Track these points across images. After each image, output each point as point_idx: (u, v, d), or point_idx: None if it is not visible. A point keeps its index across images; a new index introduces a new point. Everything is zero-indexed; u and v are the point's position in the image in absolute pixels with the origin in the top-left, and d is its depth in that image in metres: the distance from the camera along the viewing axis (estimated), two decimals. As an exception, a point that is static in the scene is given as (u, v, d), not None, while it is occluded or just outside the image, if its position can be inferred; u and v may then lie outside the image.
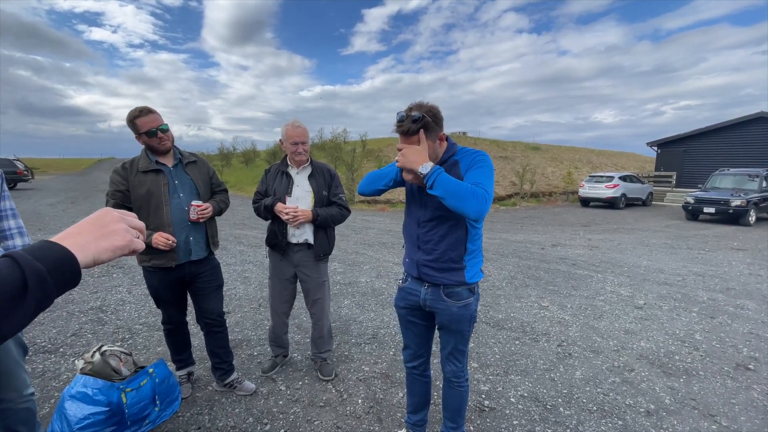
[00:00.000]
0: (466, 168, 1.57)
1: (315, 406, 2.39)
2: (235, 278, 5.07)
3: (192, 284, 2.35)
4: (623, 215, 13.41)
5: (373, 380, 2.69)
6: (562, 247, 7.57)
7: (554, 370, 2.86)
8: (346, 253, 6.58)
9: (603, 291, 4.76)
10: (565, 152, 28.84)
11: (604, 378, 2.75)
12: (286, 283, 2.66)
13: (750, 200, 10.94)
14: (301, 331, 3.45)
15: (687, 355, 3.10)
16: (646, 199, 16.79)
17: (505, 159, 22.92)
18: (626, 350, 3.18)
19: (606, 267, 5.98)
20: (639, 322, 3.76)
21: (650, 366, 2.93)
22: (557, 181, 20.91)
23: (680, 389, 2.62)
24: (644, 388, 2.63)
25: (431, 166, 1.44)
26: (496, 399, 2.49)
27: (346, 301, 4.26)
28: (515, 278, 5.29)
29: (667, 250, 7.34)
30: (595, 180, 15.88)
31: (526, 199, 17.51)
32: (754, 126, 17.24)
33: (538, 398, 2.50)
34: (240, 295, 4.40)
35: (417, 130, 1.49)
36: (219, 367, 2.51)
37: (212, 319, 2.41)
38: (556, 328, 3.61)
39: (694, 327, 3.66)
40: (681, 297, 4.54)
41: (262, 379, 2.67)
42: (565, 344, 3.27)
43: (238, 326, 3.55)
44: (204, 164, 2.43)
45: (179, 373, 2.55)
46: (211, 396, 2.47)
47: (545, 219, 12.32)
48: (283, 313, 2.74)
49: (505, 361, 2.98)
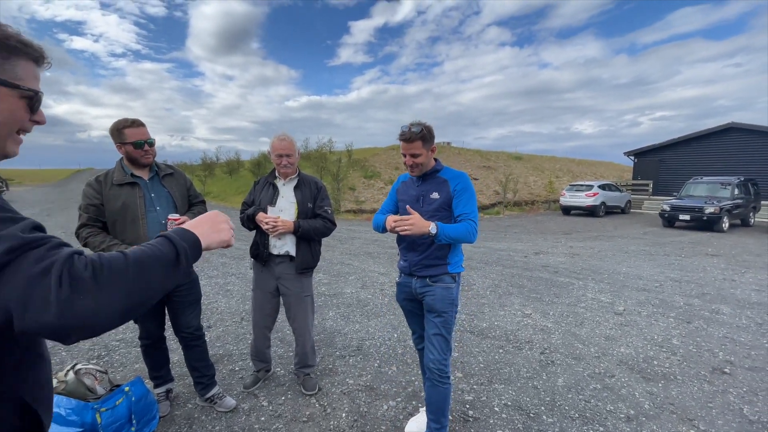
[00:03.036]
0: (454, 189, 1.96)
1: (298, 421, 2.35)
2: (216, 291, 4.97)
3: (170, 298, 2.30)
4: (603, 223, 13.73)
5: (357, 393, 2.66)
6: (544, 255, 7.70)
7: (537, 377, 2.89)
8: (332, 264, 6.54)
9: (584, 298, 4.84)
10: (546, 162, 29.49)
11: (585, 384, 2.79)
12: (268, 296, 2.63)
13: (723, 207, 11.36)
14: (284, 344, 3.40)
15: (665, 360, 3.17)
16: (625, 207, 17.26)
17: (489, 169, 23.30)
18: (607, 356, 3.23)
19: (587, 274, 6.09)
20: (619, 328, 3.83)
21: (630, 371, 2.98)
22: (539, 190, 21.33)
23: (659, 394, 2.67)
24: (624, 394, 2.67)
25: (435, 227, 1.80)
26: (480, 408, 2.50)
27: (331, 313, 4.22)
28: (499, 286, 5.34)
29: (645, 257, 7.54)
30: (576, 189, 16.25)
31: (509, 207, 17.78)
32: (725, 136, 17.97)
33: (522, 407, 2.52)
34: (222, 309, 4.31)
35: (417, 137, 1.88)
36: (199, 381, 2.45)
37: (189, 332, 2.36)
38: (538, 335, 3.65)
39: (671, 332, 3.75)
40: (659, 303, 4.66)
41: (244, 395, 2.61)
42: (547, 352, 3.30)
43: (219, 341, 3.48)
44: (181, 176, 2.41)
45: (157, 390, 2.47)
46: (190, 413, 2.40)
47: (528, 227, 12.51)
48: (266, 327, 2.69)
49: (489, 370, 2.99)
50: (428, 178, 2.04)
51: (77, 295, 0.55)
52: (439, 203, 1.97)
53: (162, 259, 0.67)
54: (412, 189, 2.09)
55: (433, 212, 1.97)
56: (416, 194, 2.05)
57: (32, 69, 0.73)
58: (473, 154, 27.44)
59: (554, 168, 27.73)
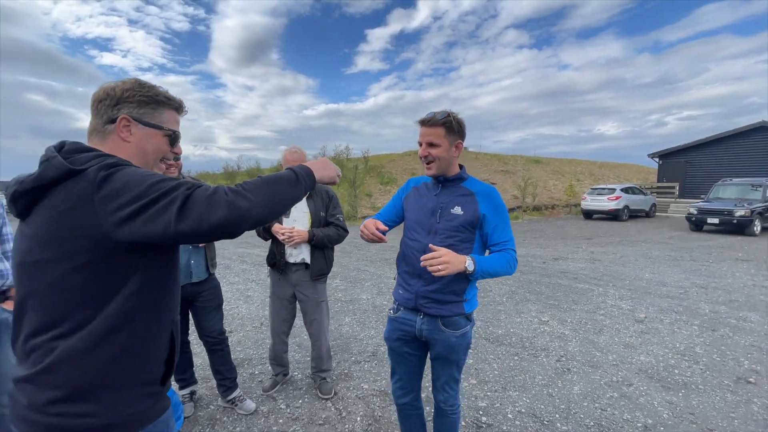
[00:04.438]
0: (485, 212, 1.59)
1: (314, 424, 2.42)
2: (237, 297, 5.13)
3: (193, 304, 2.43)
4: (626, 227, 13.39)
5: (372, 398, 2.71)
6: (563, 260, 7.58)
7: (552, 385, 2.87)
8: (348, 270, 6.64)
9: (604, 305, 4.76)
10: (566, 165, 28.94)
11: (602, 393, 2.76)
12: (285, 302, 2.73)
13: (754, 210, 10.91)
14: (302, 349, 3.49)
15: (687, 369, 3.10)
16: (650, 211, 16.77)
17: (507, 173, 23.06)
18: (625, 364, 3.18)
19: (608, 280, 5.98)
20: (639, 336, 3.76)
21: (649, 380, 2.93)
22: (559, 194, 20.96)
23: (679, 403, 2.62)
24: (642, 403, 2.63)
25: (473, 262, 1.47)
26: (493, 415, 2.51)
27: (347, 319, 4.30)
28: (516, 293, 5.30)
29: (670, 262, 7.32)
30: (597, 192, 15.91)
31: (528, 212, 17.54)
32: (755, 135, 17.27)
33: (536, 414, 2.52)
34: (242, 314, 4.46)
35: (440, 123, 1.54)
36: (222, 383, 2.57)
37: (213, 337, 2.48)
38: (555, 343, 3.62)
39: (694, 340, 3.66)
40: (682, 310, 4.54)
41: (263, 398, 2.71)
42: (564, 359, 3.28)
43: (240, 345, 3.60)
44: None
45: (182, 392, 2.60)
46: (213, 415, 2.51)
47: (548, 232, 12.33)
48: (283, 332, 2.79)
49: (503, 377, 2.99)
50: (449, 186, 1.65)
51: (237, 197, 0.84)
52: (461, 221, 1.58)
53: (286, 179, 0.97)
54: (428, 199, 1.68)
55: (452, 232, 1.59)
56: (433, 206, 1.64)
57: (174, 115, 1.05)
58: (490, 158, 27.21)
59: (575, 171, 27.19)
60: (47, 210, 0.83)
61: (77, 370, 0.83)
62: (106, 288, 0.85)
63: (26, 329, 0.86)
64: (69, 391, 0.83)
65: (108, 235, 0.80)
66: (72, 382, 0.83)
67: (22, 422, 0.84)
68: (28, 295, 0.86)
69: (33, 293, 0.85)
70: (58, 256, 0.82)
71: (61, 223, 0.81)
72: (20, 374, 0.86)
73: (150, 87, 0.99)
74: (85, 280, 0.83)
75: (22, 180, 0.84)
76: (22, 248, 0.86)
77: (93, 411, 0.84)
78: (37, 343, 0.84)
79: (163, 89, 1.01)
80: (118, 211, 0.79)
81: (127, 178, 0.82)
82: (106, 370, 0.86)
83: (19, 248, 0.88)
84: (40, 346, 0.84)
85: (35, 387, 0.83)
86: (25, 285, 0.86)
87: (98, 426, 0.85)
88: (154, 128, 0.99)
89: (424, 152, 1.58)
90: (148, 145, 0.99)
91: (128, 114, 0.95)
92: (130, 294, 0.87)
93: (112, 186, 0.81)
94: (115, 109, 0.94)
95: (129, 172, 0.84)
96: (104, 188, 0.80)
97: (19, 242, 0.89)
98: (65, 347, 0.82)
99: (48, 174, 0.82)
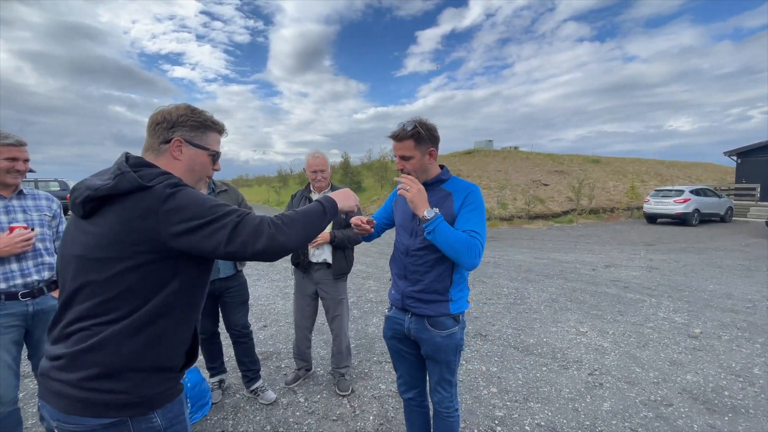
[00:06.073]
0: (460, 204, 1.60)
1: (328, 419, 2.50)
2: (276, 293, 5.39)
3: (221, 298, 2.61)
4: (696, 233, 12.15)
5: (387, 399, 2.74)
6: (616, 268, 7.07)
7: (580, 399, 2.72)
8: (383, 272, 6.70)
9: (654, 317, 4.39)
10: (629, 164, 26.83)
11: (635, 411, 2.56)
12: (308, 299, 2.85)
13: None
14: (327, 346, 3.60)
15: (739, 391, 2.78)
16: (725, 215, 15.08)
17: (561, 173, 21.86)
18: (668, 383, 2.92)
19: (663, 291, 5.49)
20: (690, 353, 3.42)
21: (692, 401, 2.67)
22: (619, 195, 19.50)
23: (722, 428, 2.36)
24: (680, 426, 2.41)
25: (435, 214, 1.49)
26: (509, 426, 2.43)
27: (375, 320, 4.35)
28: (556, 301, 5.05)
29: (742, 273, 6.55)
30: (662, 194, 14.58)
31: (584, 215, 16.51)
32: None
33: (556, 428, 2.40)
34: (278, 310, 4.68)
35: (408, 136, 1.56)
36: (245, 374, 2.74)
37: (238, 330, 2.65)
38: (590, 355, 3.41)
39: (754, 360, 3.26)
40: (746, 326, 4.05)
41: (285, 390, 2.84)
42: (597, 373, 3.08)
43: (271, 339, 3.80)
44: (234, 192, 2.72)
45: (212, 380, 2.81)
46: (237, 403, 2.68)
47: (603, 237, 11.53)
48: (306, 328, 2.91)
49: (526, 388, 2.88)
50: (429, 190, 1.67)
51: (277, 231, 1.01)
52: None
53: (316, 212, 1.14)
54: None
55: None
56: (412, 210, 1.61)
57: (217, 137, 1.20)
58: (544, 158, 25.92)
59: (639, 171, 25.13)
60: (115, 216, 0.96)
61: (116, 352, 0.95)
62: (153, 286, 0.98)
63: (73, 315, 0.97)
64: (105, 369, 0.94)
65: (166, 243, 0.95)
66: (109, 362, 0.95)
67: (54, 396, 0.96)
68: (84, 285, 0.97)
69: (89, 284, 0.96)
70: (120, 255, 0.95)
71: (128, 228, 0.94)
72: (57, 352, 0.97)
73: (200, 113, 1.14)
74: (138, 278, 0.96)
75: (96, 187, 0.96)
76: (86, 243, 0.98)
77: (122, 388, 0.96)
78: (81, 326, 0.96)
79: (209, 114, 1.16)
80: (178, 224, 0.94)
81: (189, 199, 0.97)
82: (139, 355, 0.98)
83: (80, 242, 0.99)
84: (85, 329, 0.95)
85: (74, 364, 0.94)
86: (82, 276, 0.97)
87: (123, 402, 0.96)
88: (202, 149, 1.14)
89: (399, 166, 1.65)
90: (195, 164, 1.14)
91: (181, 136, 1.10)
92: (171, 292, 1.00)
93: (176, 203, 0.95)
94: (170, 131, 1.09)
95: (190, 193, 0.99)
96: (168, 203, 0.94)
97: (80, 237, 1.00)
98: (110, 331, 0.94)
99: (122, 186, 0.95)
